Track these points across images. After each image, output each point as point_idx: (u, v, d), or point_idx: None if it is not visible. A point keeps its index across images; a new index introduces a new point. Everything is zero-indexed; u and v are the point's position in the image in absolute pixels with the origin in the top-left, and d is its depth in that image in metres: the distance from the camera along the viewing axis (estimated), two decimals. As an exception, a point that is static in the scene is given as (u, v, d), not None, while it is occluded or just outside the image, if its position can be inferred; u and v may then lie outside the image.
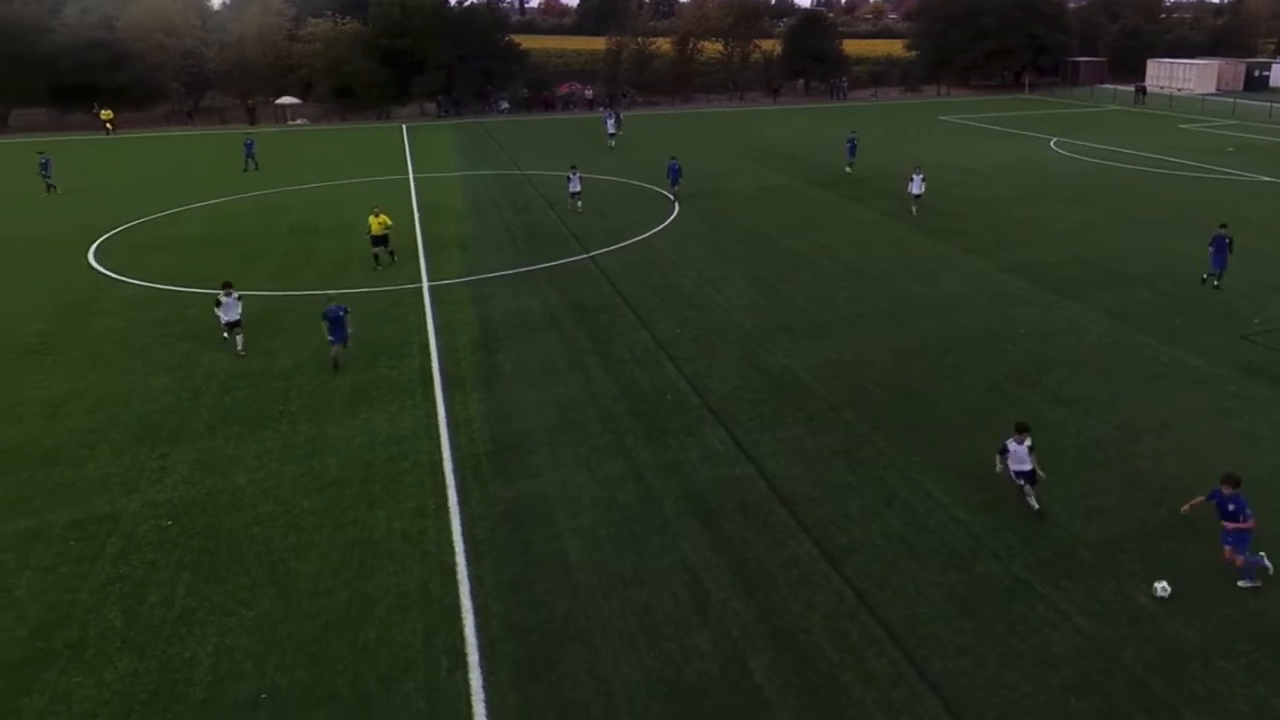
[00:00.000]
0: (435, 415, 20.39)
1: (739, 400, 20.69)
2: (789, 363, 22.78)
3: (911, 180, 39.45)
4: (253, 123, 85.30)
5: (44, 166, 49.97)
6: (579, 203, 40.84)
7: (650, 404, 20.65)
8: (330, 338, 23.08)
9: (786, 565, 14.65)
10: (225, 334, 24.90)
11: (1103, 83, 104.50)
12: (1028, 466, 15.76)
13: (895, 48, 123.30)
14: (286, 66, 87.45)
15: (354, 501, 16.93)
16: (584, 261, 32.80)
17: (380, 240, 32.72)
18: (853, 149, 51.34)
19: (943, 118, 79.17)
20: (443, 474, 17.78)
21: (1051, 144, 60.75)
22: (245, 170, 55.37)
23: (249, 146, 56.84)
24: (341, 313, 22.97)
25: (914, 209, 39.12)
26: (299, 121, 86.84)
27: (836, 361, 22.88)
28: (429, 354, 24.09)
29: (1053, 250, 33.23)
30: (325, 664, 12.68)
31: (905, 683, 12.08)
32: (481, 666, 12.38)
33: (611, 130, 63.87)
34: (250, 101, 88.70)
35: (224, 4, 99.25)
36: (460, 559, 14.90)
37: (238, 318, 24.58)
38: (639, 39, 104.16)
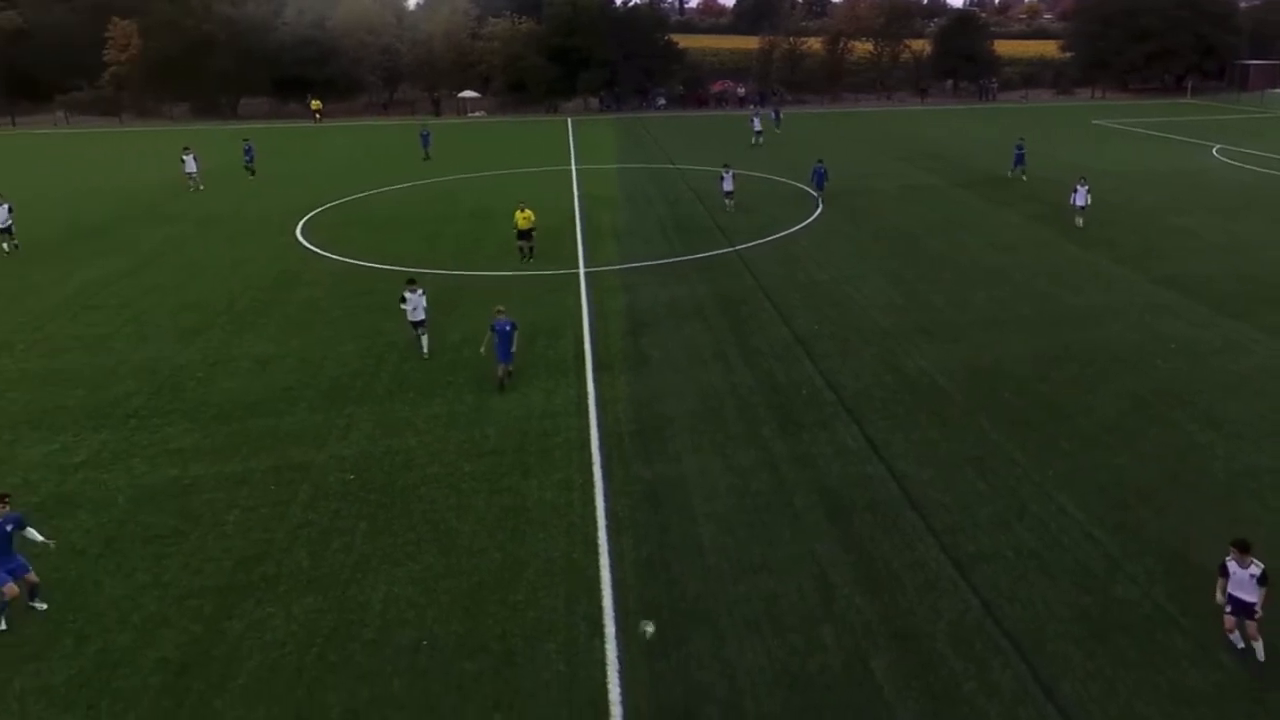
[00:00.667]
0: (585, 394, 20.62)
1: (873, 399, 20.13)
2: (925, 364, 21.99)
3: (1075, 191, 36.03)
4: (437, 114, 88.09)
5: (247, 153, 52.58)
6: (731, 202, 39.72)
7: (786, 397, 20.32)
8: (497, 354, 21.07)
9: (913, 568, 14.12)
10: (416, 331, 23.38)
11: (1275, 87, 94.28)
12: (1251, 598, 11.85)
13: (1049, 48, 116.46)
14: (468, 62, 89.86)
15: (509, 469, 17.31)
16: (729, 255, 32.57)
17: (525, 234, 32.09)
18: (1020, 157, 47.25)
19: (1096, 121, 75.33)
20: (590, 450, 17.95)
21: (1214, 151, 56.40)
22: (424, 159, 56.67)
23: (425, 137, 58.38)
24: (509, 327, 20.92)
25: (1079, 221, 35.71)
26: (477, 114, 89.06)
27: (973, 366, 21.88)
28: (582, 337, 24.34)
29: (1209, 263, 30.68)
30: (478, 619, 13.02)
31: (1031, 701, 11.42)
32: (617, 638, 12.45)
33: (758, 128, 62.67)
34: (436, 94, 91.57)
35: (418, 4, 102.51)
36: (602, 533, 15.01)
37: (423, 317, 23.16)
38: (790, 38, 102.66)
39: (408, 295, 23.00)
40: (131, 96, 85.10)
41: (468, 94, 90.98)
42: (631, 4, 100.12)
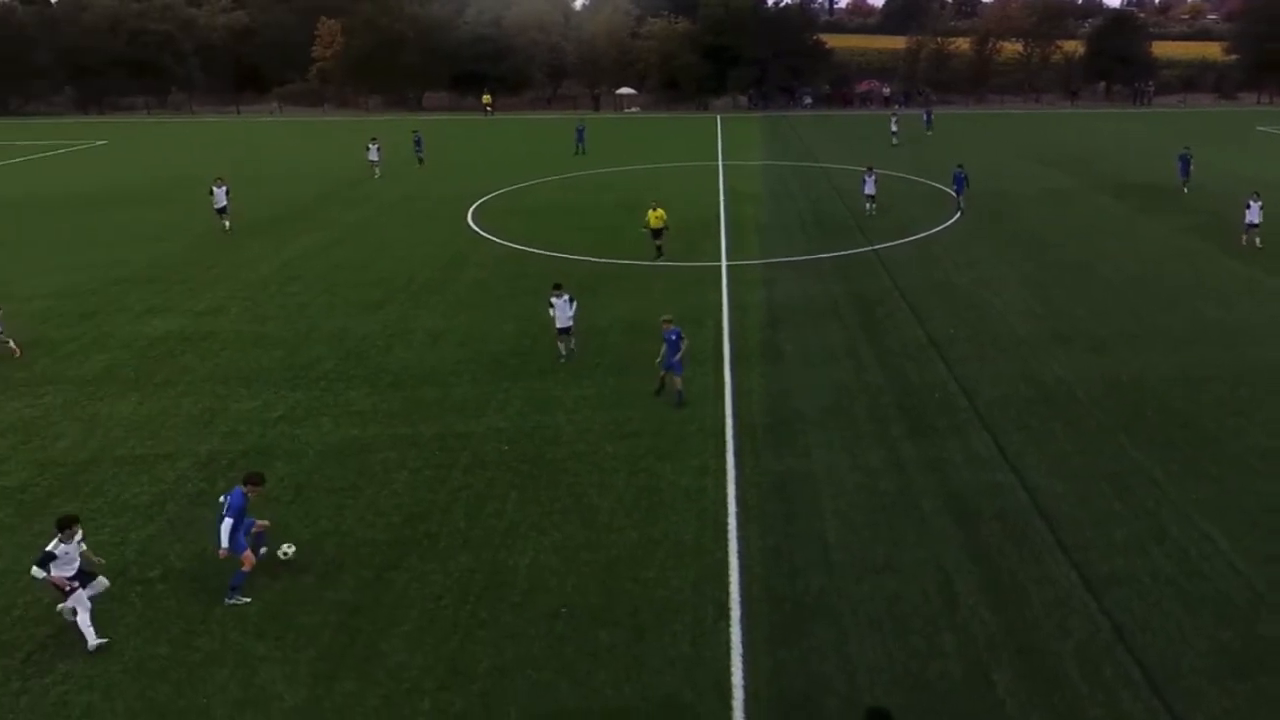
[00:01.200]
0: (722, 384, 20.52)
1: (1007, 407, 19.20)
2: (1062, 374, 20.82)
3: (1248, 207, 31.85)
4: (596, 109, 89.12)
5: (418, 144, 54.03)
6: (873, 205, 38.10)
7: (918, 399, 19.70)
8: (666, 362, 19.48)
9: (1041, 583, 13.28)
10: (559, 343, 21.91)
11: None
12: None
13: (1212, 50, 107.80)
14: (627, 60, 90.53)
15: (647, 452, 17.40)
16: (867, 254, 31.84)
17: (656, 233, 31.12)
18: (1185, 166, 42.93)
19: (1261, 128, 70.15)
20: (724, 439, 17.88)
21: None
22: (576, 153, 56.96)
23: (580, 132, 58.53)
24: (674, 336, 19.29)
25: (1257, 240, 31.58)
26: (633, 109, 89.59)
27: (1113, 379, 20.50)
28: (722, 328, 24.23)
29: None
30: (613, 592, 13.15)
31: (1162, 737, 10.53)
32: (742, 623, 12.36)
33: (895, 129, 60.96)
34: (596, 91, 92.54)
35: (584, 4, 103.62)
36: (732, 520, 14.93)
37: (569, 324, 21.63)
38: (938, 38, 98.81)
39: (554, 300, 21.60)
40: (334, 89, 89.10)
41: (625, 90, 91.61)
42: (782, 4, 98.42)
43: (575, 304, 21.80)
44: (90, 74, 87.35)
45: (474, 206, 40.71)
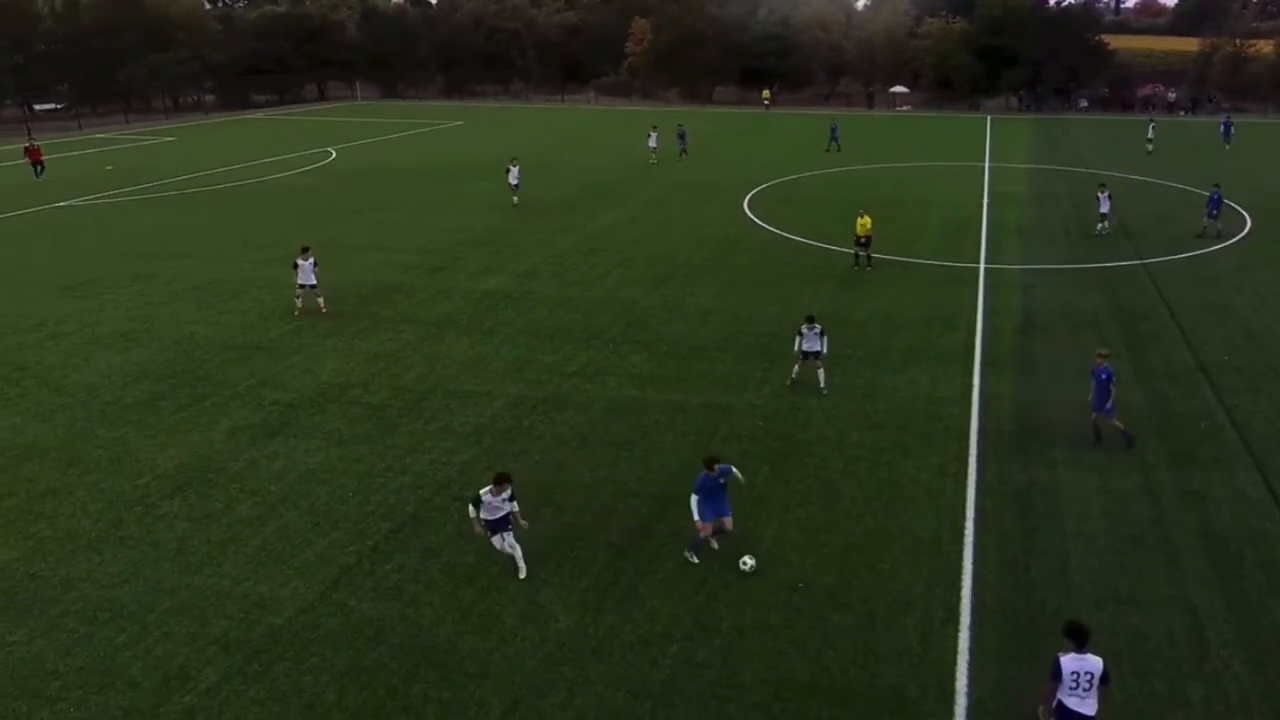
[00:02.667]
0: (970, 387, 19.05)
1: (1282, 446, 16.24)
2: (1349, 418, 17.33)
3: None
4: (869, 107, 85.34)
5: (681, 137, 52.05)
6: (1105, 226, 32.19)
7: (1179, 426, 17.20)
8: (1096, 403, 16.36)
9: None
10: (797, 366, 18.99)
11: None
12: None
13: None
14: (902, 59, 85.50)
15: (891, 446, 16.47)
16: (1135, 267, 28.28)
17: (862, 242, 27.80)
18: None
19: None
20: (968, 442, 16.57)
21: None
22: (827, 150, 53.31)
23: (833, 130, 54.87)
24: (1105, 375, 16.08)
25: None
26: (904, 108, 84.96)
27: None
28: (974, 330, 22.47)
29: None
30: (847, 576, 12.60)
31: None
32: (971, 630, 11.44)
33: (1150, 135, 52.85)
34: (870, 89, 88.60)
35: (865, 4, 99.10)
36: (969, 525, 13.83)
37: (819, 348, 18.52)
38: (1236, 40, 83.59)
39: (805, 331, 18.53)
40: (640, 81, 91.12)
41: (898, 89, 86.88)
42: (1064, 3, 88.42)
43: (825, 337, 18.60)
44: (456, 65, 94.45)
45: (750, 194, 40.26)
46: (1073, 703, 8.88)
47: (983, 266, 28.32)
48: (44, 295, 25.80)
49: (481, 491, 12.55)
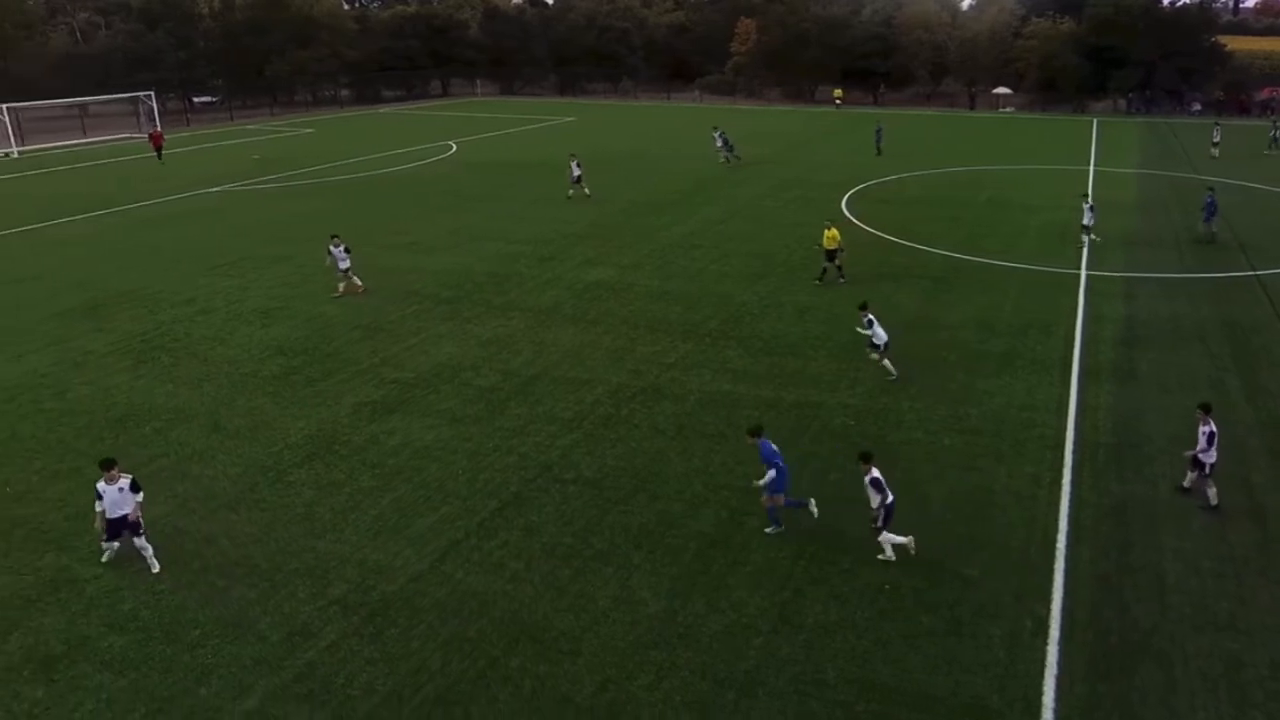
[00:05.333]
0: (1067, 396, 18.05)
1: (1401, 474, 14.76)
2: None
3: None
4: (971, 107, 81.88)
5: (725, 143, 47.90)
6: (1089, 237, 29.46)
7: None
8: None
9: None
10: (874, 355, 19.20)
11: None
12: None
13: None
14: (1006, 59, 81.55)
15: (983, 452, 15.77)
16: (1248, 279, 26.22)
17: (830, 255, 25.77)
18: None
19: None
20: (1063, 452, 15.71)
21: None
22: (877, 154, 49.68)
23: (878, 133, 51.45)
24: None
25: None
26: (1007, 109, 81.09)
27: None
28: (1073, 338, 21.28)
29: None
30: (935, 581, 12.15)
31: None
32: (1060, 644, 10.87)
33: (1216, 139, 48.83)
34: (973, 89, 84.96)
35: (970, 4, 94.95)
36: (1062, 537, 13.13)
37: (885, 340, 18.88)
38: None
39: (872, 317, 18.96)
40: (744, 81, 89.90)
41: (1001, 90, 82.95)
42: (1180, 4, 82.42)
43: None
44: (569, 63, 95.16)
45: (849, 194, 39.22)
46: None
47: (1084, 273, 26.85)
48: (196, 274, 27.26)
49: (98, 483, 12.08)
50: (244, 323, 22.80)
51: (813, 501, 13.85)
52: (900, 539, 12.71)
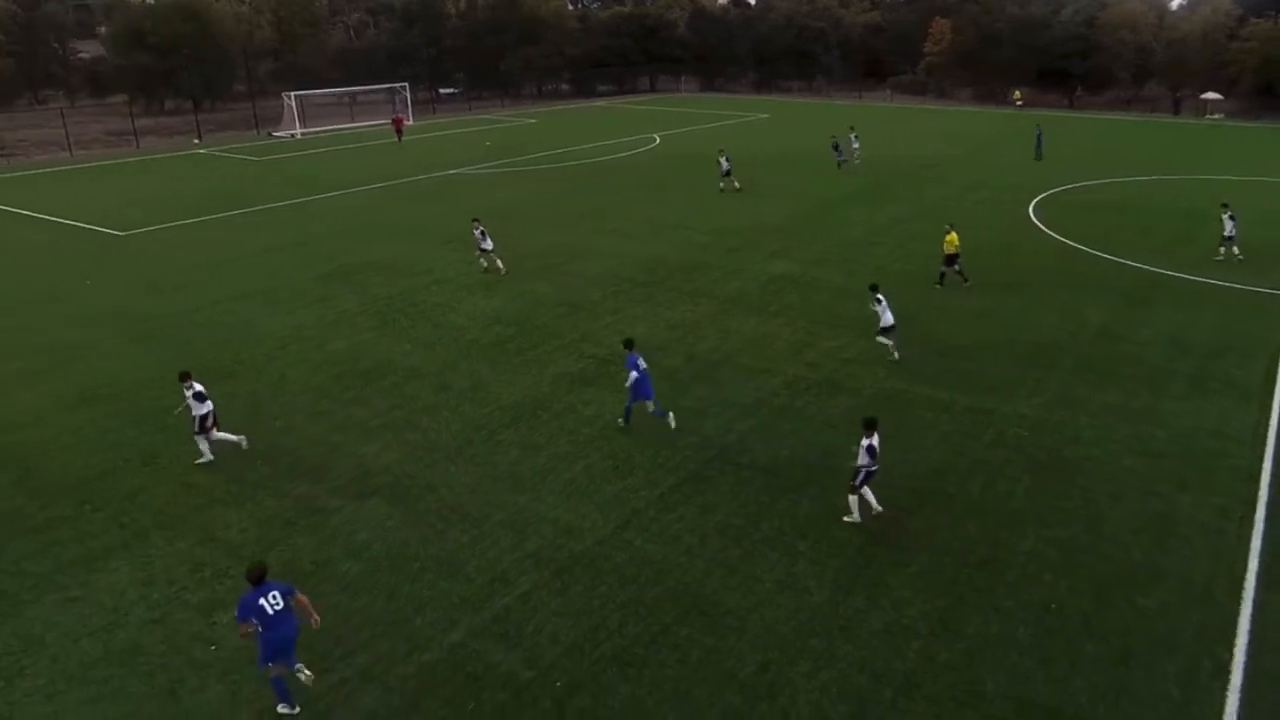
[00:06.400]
0: (1266, 425, 15.71)
1: None
2: None
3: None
4: (1176, 113, 72.36)
5: (836, 148, 43.62)
6: (1227, 250, 25.74)
7: None
8: None
9: None
10: (880, 338, 18.85)
11: None
12: None
13: None
14: (1218, 63, 71.02)
15: (1167, 477, 14.03)
16: None
17: (950, 259, 23.74)
18: None
19: None
20: (1258, 485, 13.72)
21: None
22: (1036, 159, 44.79)
23: (1038, 137, 45.87)
24: None
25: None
26: (1215, 116, 70.80)
27: None
28: (1277, 365, 18.44)
29: None
30: (1105, 607, 10.99)
31: None
32: (1242, 693, 9.53)
33: None
34: (1178, 94, 74.91)
35: (1180, 4, 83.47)
36: (1251, 577, 11.48)
37: (891, 323, 18.58)
38: None
39: (881, 297, 18.68)
40: (934, 81, 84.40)
41: (1210, 95, 72.45)
42: None
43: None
44: (767, 62, 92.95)
45: (1038, 199, 35.87)
46: None
47: (1295, 295, 23.26)
48: (433, 247, 29.12)
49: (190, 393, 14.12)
50: (470, 293, 24.14)
51: (671, 415, 15.51)
52: (872, 501, 12.66)
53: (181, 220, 33.84)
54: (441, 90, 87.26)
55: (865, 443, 12.56)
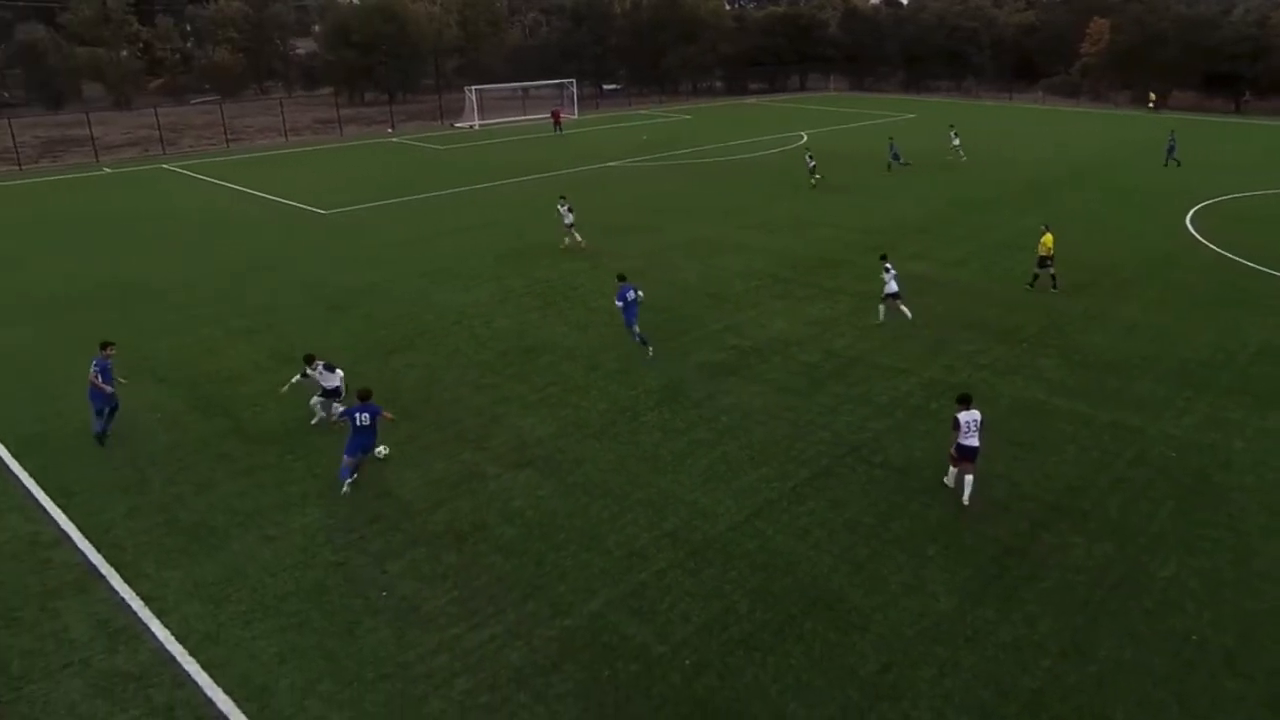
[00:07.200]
0: None
1: None
2: None
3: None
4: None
5: (893, 154, 40.48)
6: None
7: None
8: None
9: None
10: (882, 307, 19.70)
11: None
12: None
13: None
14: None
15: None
16: None
17: (1042, 261, 22.23)
18: None
19: None
20: None
21: None
22: (1165, 165, 39.81)
23: (1171, 142, 40.48)
24: None
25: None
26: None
27: None
28: None
29: None
30: (1251, 644, 9.84)
31: None
32: None
33: None
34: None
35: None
36: None
37: (894, 291, 19.65)
38: None
39: (889, 266, 19.93)
40: (1090, 83, 76.84)
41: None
42: None
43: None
44: (917, 61, 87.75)
45: (1196, 208, 32.10)
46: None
47: None
48: (592, 235, 29.57)
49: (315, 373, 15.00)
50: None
51: (650, 348, 17.05)
52: (951, 473, 12.78)
53: (376, 202, 36.26)
54: (605, 86, 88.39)
55: (962, 416, 12.50)
